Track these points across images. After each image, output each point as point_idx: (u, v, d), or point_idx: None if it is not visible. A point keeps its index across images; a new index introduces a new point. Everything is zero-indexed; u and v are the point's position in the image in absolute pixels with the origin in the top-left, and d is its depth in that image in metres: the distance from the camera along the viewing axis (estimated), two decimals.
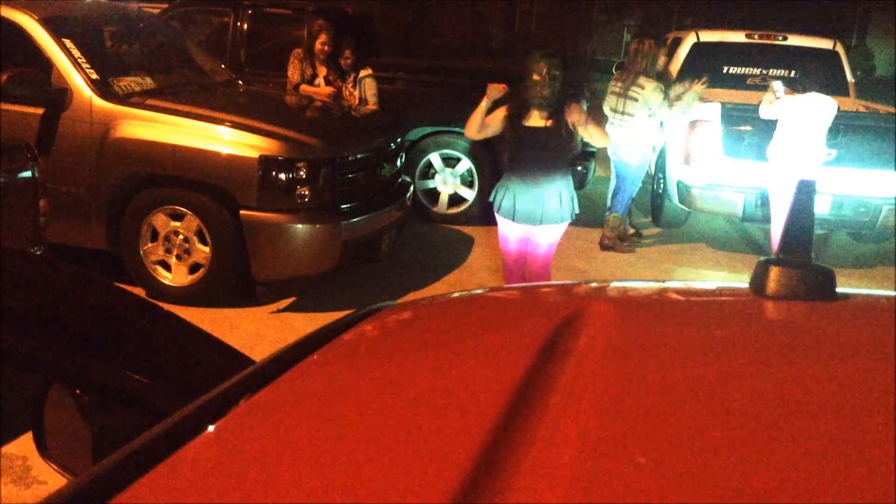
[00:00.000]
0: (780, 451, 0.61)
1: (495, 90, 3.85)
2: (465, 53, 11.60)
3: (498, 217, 4.05)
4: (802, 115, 5.32)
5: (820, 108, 5.31)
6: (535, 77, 3.79)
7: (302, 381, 0.85)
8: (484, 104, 3.89)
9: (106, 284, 1.91)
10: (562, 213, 3.94)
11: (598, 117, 4.01)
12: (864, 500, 0.55)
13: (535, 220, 3.92)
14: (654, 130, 5.89)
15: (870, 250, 6.55)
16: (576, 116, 3.79)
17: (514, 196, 3.91)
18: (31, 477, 2.82)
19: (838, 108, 5.46)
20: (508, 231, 4.05)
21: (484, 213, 6.62)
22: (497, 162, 6.50)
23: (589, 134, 3.89)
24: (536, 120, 3.85)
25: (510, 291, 1.38)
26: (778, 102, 5.47)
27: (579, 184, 5.99)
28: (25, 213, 3.70)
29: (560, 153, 3.89)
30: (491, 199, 4.07)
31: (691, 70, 7.25)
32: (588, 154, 6.56)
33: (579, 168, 6.25)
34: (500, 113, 3.92)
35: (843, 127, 5.77)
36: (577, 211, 4.05)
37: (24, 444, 2.87)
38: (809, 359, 0.84)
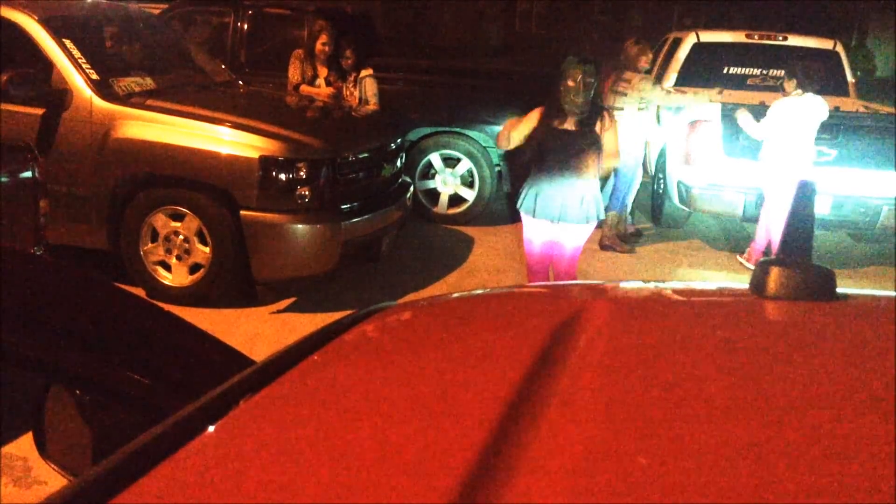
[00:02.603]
0: (781, 450, 0.61)
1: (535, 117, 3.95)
2: (465, 53, 11.59)
3: (525, 217, 4.09)
4: (794, 117, 5.33)
5: (811, 109, 5.32)
6: (570, 83, 3.85)
7: (302, 381, 0.85)
8: (523, 127, 3.99)
9: (106, 284, 1.90)
10: (585, 215, 3.97)
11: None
12: (865, 499, 0.55)
13: (555, 217, 3.96)
14: (646, 124, 5.93)
15: (870, 250, 6.55)
16: (602, 123, 3.94)
17: (538, 193, 3.97)
18: (32, 477, 2.82)
19: (838, 108, 5.46)
20: (532, 230, 4.09)
21: (484, 214, 6.64)
22: (495, 163, 6.51)
23: (606, 140, 3.98)
24: (568, 124, 3.92)
25: (510, 292, 1.38)
26: (763, 121, 5.47)
27: None
28: (25, 213, 3.69)
29: (587, 156, 3.93)
30: (518, 204, 4.12)
31: (691, 70, 7.27)
32: None
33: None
34: (534, 116, 4.00)
35: (843, 127, 5.76)
36: (601, 216, 4.10)
37: (24, 444, 2.87)
38: (809, 359, 0.84)
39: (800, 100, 5.34)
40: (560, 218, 3.97)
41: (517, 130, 4.02)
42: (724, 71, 7.47)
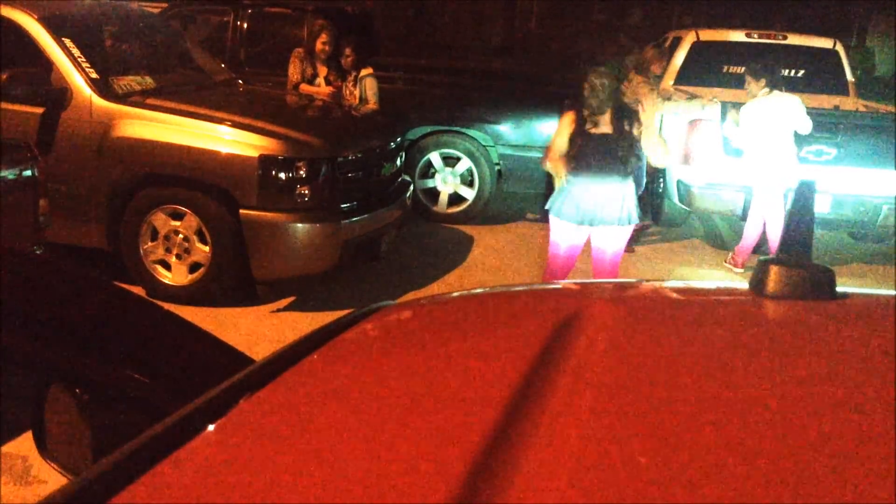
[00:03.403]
0: (780, 450, 0.61)
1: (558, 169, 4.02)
2: (465, 53, 11.58)
3: (553, 220, 4.08)
4: (767, 117, 5.34)
5: (783, 106, 5.33)
6: (585, 87, 3.89)
7: (302, 380, 0.85)
8: (560, 138, 4.01)
9: (106, 284, 1.91)
10: (621, 216, 3.98)
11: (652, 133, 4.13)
12: (865, 499, 0.55)
13: (591, 220, 3.96)
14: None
15: (870, 250, 6.55)
16: (638, 125, 3.96)
17: (574, 198, 3.97)
18: (32, 476, 2.82)
19: (838, 107, 5.46)
20: (562, 235, 4.07)
21: (484, 213, 6.64)
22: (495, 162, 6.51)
23: (647, 146, 4.04)
24: (601, 126, 3.94)
25: (510, 291, 1.38)
26: (740, 127, 5.49)
27: None
28: (25, 213, 3.69)
29: (621, 159, 3.94)
30: (548, 206, 4.12)
31: (691, 69, 7.27)
32: None
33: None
34: (566, 123, 4.02)
35: (842, 126, 5.77)
36: (637, 220, 4.11)
37: (24, 444, 2.86)
38: (809, 358, 0.84)
39: (768, 99, 5.36)
40: (595, 221, 3.96)
41: (557, 143, 4.04)
42: (724, 70, 7.47)
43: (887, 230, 5.82)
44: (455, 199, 6.65)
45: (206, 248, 4.42)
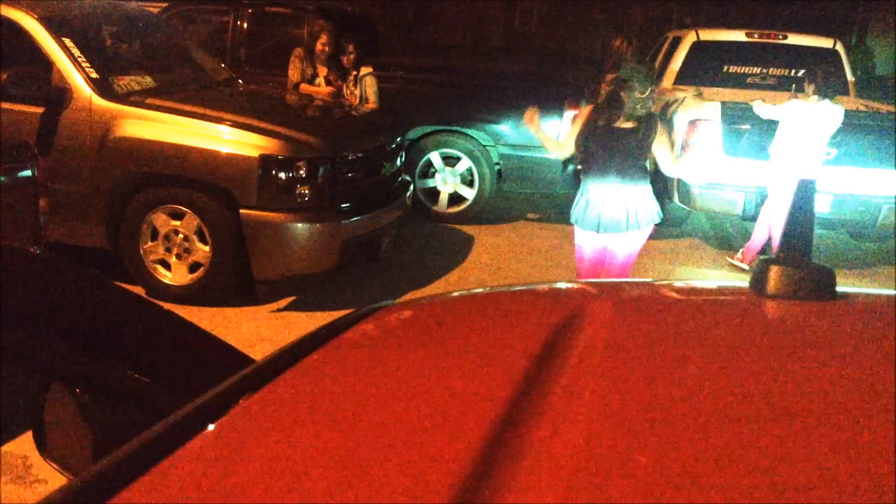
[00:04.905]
0: (780, 449, 0.61)
1: (529, 117, 4.01)
2: (465, 53, 11.58)
3: (575, 228, 4.03)
4: (809, 121, 5.32)
5: (827, 115, 5.32)
6: (621, 90, 3.77)
7: (302, 380, 0.85)
8: (537, 133, 4.09)
9: (106, 284, 1.90)
10: (636, 222, 3.87)
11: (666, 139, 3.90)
12: (864, 499, 0.55)
13: (606, 226, 3.88)
14: None
15: (870, 249, 6.55)
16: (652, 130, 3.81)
17: (590, 206, 3.89)
18: (32, 476, 2.82)
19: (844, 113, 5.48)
20: (583, 239, 4.02)
21: (484, 212, 6.63)
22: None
23: (656, 150, 3.86)
24: (615, 122, 3.82)
25: (510, 291, 1.38)
26: (781, 105, 5.46)
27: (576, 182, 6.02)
28: (25, 213, 3.70)
29: (633, 159, 3.81)
30: (571, 217, 4.05)
31: (691, 69, 7.27)
32: None
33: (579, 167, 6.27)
34: (581, 119, 3.97)
35: (842, 126, 5.77)
36: (657, 220, 3.97)
37: (24, 444, 2.87)
38: (809, 358, 0.84)
39: (817, 106, 5.33)
40: (609, 228, 3.87)
41: (569, 133, 4.00)
42: (724, 70, 7.47)
43: (887, 230, 5.82)
44: (455, 199, 6.65)
45: (206, 248, 4.42)
